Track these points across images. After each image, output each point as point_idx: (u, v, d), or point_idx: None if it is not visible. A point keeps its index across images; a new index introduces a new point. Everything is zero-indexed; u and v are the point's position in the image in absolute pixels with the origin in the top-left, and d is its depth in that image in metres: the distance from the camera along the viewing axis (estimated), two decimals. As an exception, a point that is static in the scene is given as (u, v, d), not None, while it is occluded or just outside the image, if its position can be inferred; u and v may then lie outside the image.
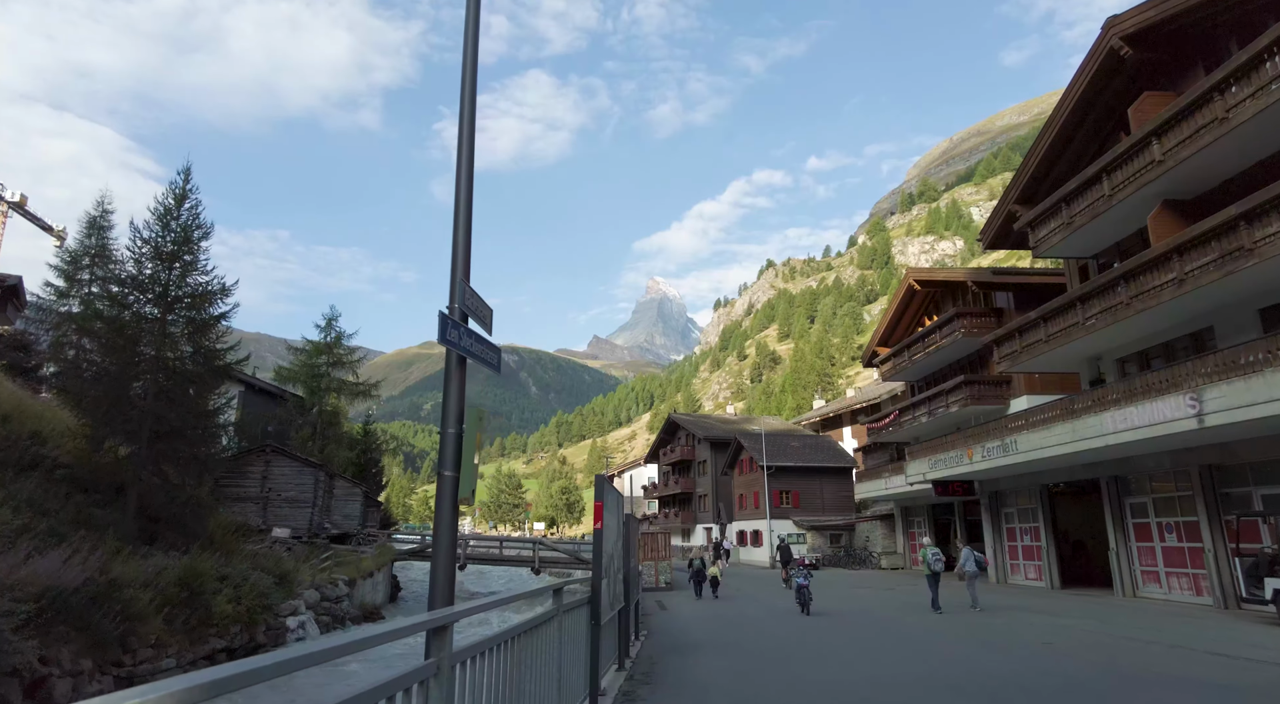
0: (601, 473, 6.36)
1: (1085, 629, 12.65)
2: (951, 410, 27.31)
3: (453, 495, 4.12)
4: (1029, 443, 19.00)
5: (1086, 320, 17.12)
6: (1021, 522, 23.47)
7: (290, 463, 35.85)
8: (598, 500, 6.56)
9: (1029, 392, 25.21)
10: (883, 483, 34.18)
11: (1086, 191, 17.03)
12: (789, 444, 47.47)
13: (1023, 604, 17.55)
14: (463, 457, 4.25)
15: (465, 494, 4.09)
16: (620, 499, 8.46)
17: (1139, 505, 18.01)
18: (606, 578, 6.90)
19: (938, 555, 16.07)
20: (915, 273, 31.59)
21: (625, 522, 10.47)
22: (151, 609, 18.03)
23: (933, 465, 25.11)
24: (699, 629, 14.30)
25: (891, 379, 34.90)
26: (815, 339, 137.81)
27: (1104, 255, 18.93)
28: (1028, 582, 22.83)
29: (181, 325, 28.15)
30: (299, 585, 28.11)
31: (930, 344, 29.82)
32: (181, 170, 29.14)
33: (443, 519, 4.16)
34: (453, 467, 4.19)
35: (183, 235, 28.50)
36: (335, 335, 52.01)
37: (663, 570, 27.06)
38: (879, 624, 14.39)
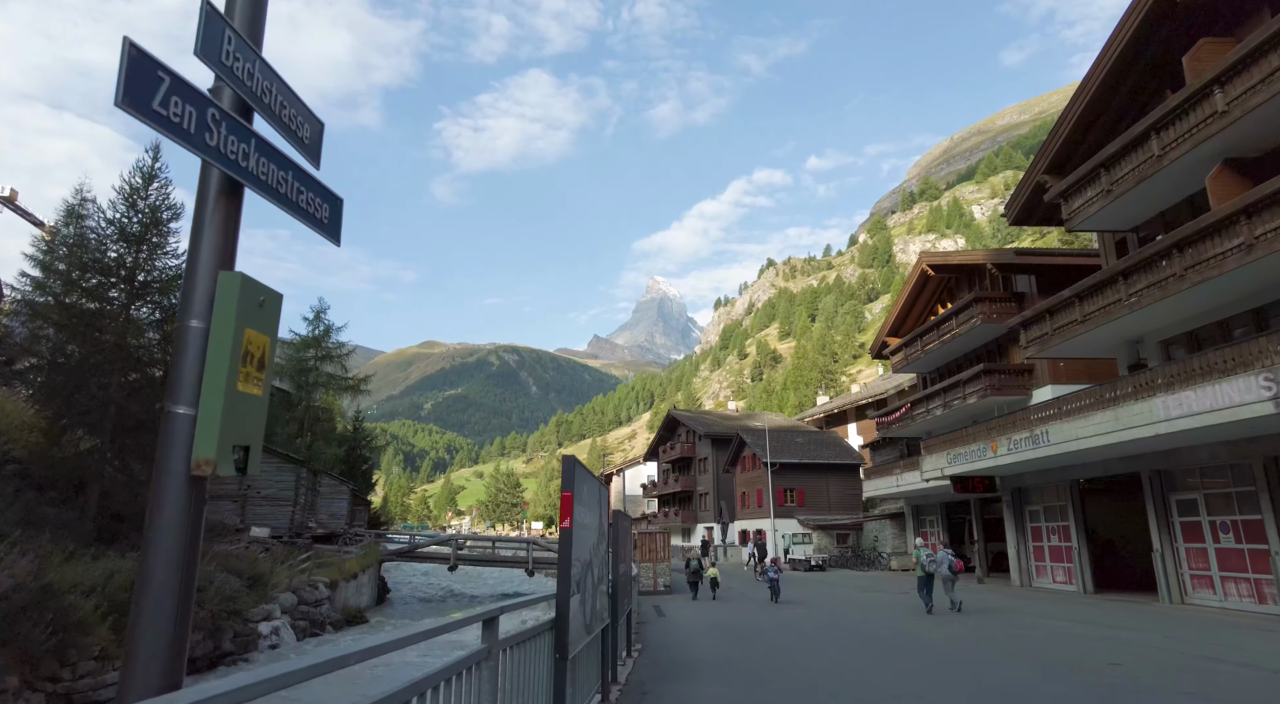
0: (571, 455, 4.56)
1: (1147, 644, 10.93)
2: (969, 402, 25.60)
3: (186, 451, 2.03)
4: (1063, 434, 17.28)
5: (1130, 297, 15.41)
6: (1048, 520, 21.74)
7: (270, 459, 34.14)
8: (566, 490, 4.86)
9: (1054, 381, 23.51)
10: (893, 480, 32.46)
11: (1131, 153, 15.31)
12: (793, 440, 45.75)
13: (1059, 612, 15.83)
14: (213, 380, 2.12)
15: (221, 454, 2.03)
16: (602, 492, 6.77)
17: (1187, 502, 16.29)
18: (580, 594, 5.21)
19: (932, 557, 15.69)
20: (928, 257, 29.86)
21: (614, 520, 8.78)
22: (96, 617, 16.30)
23: (952, 460, 23.39)
24: (701, 642, 12.59)
25: (902, 370, 33.18)
26: (817, 336, 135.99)
27: (1146, 228, 17.21)
28: (1055, 585, 21.11)
29: (149, 312, 26.52)
30: (274, 588, 26.40)
31: (945, 332, 28.11)
32: (150, 147, 27.49)
33: (166, 502, 2.08)
34: (190, 397, 2.10)
35: (151, 217, 26.83)
36: (324, 328, 50.30)
37: (661, 573, 25.37)
38: (906, 639, 12.67)
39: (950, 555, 15.92)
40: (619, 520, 8.75)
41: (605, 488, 7.31)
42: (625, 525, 9.83)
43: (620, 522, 8.87)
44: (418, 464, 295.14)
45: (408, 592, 43.49)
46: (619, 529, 8.77)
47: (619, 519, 8.73)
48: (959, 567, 15.94)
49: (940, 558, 15.72)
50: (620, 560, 8.95)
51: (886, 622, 14.99)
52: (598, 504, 6.44)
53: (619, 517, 8.80)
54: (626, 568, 9.97)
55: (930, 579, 15.74)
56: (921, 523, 33.94)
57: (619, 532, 8.81)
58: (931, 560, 15.65)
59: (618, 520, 8.74)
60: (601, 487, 6.78)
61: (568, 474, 4.92)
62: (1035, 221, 20.76)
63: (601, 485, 6.76)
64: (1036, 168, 19.02)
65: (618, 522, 8.74)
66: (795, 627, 14.73)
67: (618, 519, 8.73)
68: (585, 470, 5.58)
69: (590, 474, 5.91)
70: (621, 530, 9.02)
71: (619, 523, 8.76)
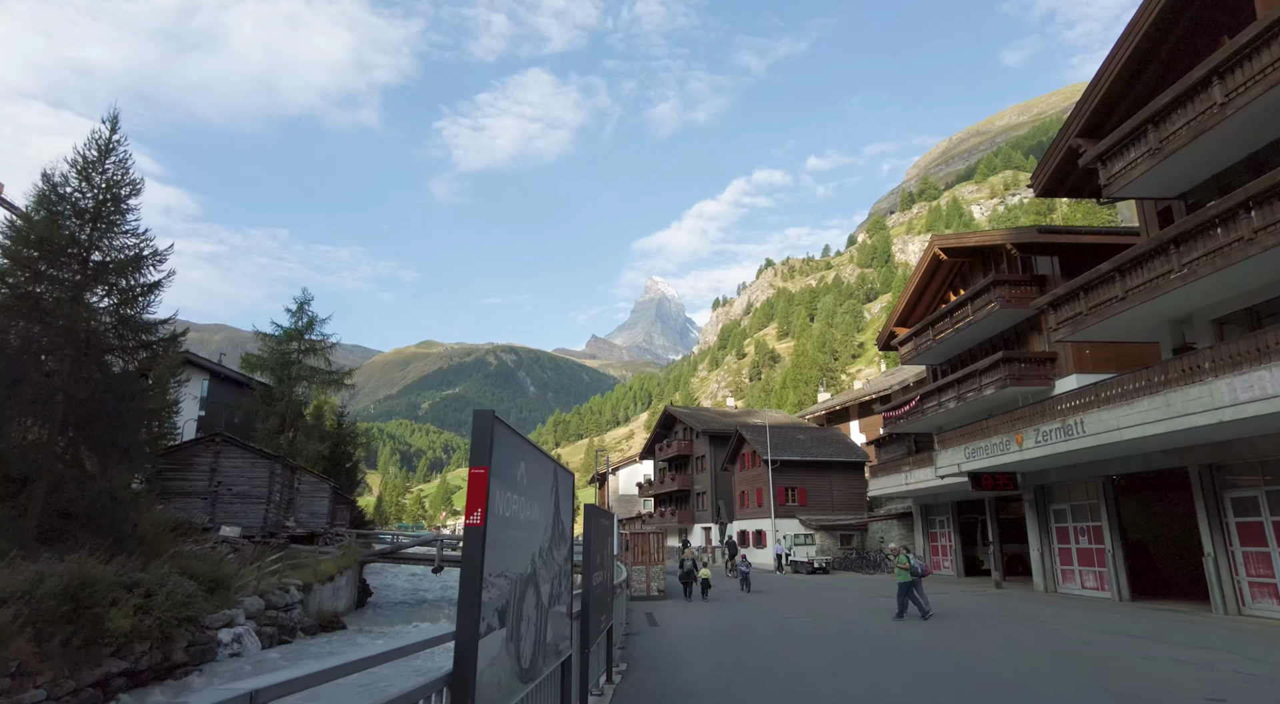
0: (486, 409, 2.61)
1: (1234, 669, 9.12)
2: (986, 393, 23.80)
3: None
4: (1101, 423, 15.48)
5: (1183, 267, 13.60)
6: (1076, 520, 19.94)
7: (243, 454, 32.27)
8: (477, 466, 3.04)
9: (1079, 370, 21.72)
10: (902, 478, 30.67)
11: (1186, 104, 13.52)
12: (795, 437, 43.94)
13: (1101, 623, 14.03)
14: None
15: None
16: (560, 476, 4.96)
17: (1246, 500, 14.49)
18: (510, 626, 3.39)
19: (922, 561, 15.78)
20: (940, 239, 28.06)
21: (587, 517, 6.96)
22: (15, 627, 14.50)
23: (970, 455, 21.59)
24: (698, 659, 10.77)
25: (911, 361, 31.37)
26: (817, 334, 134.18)
27: (1196, 194, 15.40)
28: (1085, 591, 19.31)
29: (104, 294, 24.66)
30: (239, 592, 24.57)
31: (959, 319, 26.30)
32: (107, 117, 25.65)
33: None
34: None
35: (108, 192, 24.96)
36: (308, 320, 48.53)
37: (655, 576, 23.52)
38: (940, 656, 10.84)
39: (917, 559, 15.88)
40: (593, 518, 6.93)
41: (568, 473, 5.50)
42: (604, 524, 8.02)
43: (595, 519, 7.05)
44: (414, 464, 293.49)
45: (394, 595, 41.67)
46: (593, 529, 6.95)
47: (593, 516, 6.91)
48: (927, 570, 15.95)
49: (913, 563, 15.61)
50: (597, 568, 7.14)
51: (905, 633, 13.17)
52: (550, 493, 4.63)
53: (594, 513, 6.98)
54: (606, 578, 8.15)
55: (912, 586, 15.26)
56: (931, 523, 32.15)
57: (593, 532, 6.99)
58: (920, 565, 15.51)
59: (592, 518, 6.92)
60: (559, 468, 4.96)
61: (481, 438, 3.09)
62: (1065, 192, 18.95)
63: (559, 467, 4.95)
64: (1069, 131, 17.21)
65: (592, 519, 6.93)
66: (806, 640, 12.91)
67: (592, 516, 6.91)
68: (521, 439, 3.76)
69: (535, 447, 4.10)
70: (597, 530, 7.21)
71: (593, 521, 6.95)
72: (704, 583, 23.13)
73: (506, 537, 3.39)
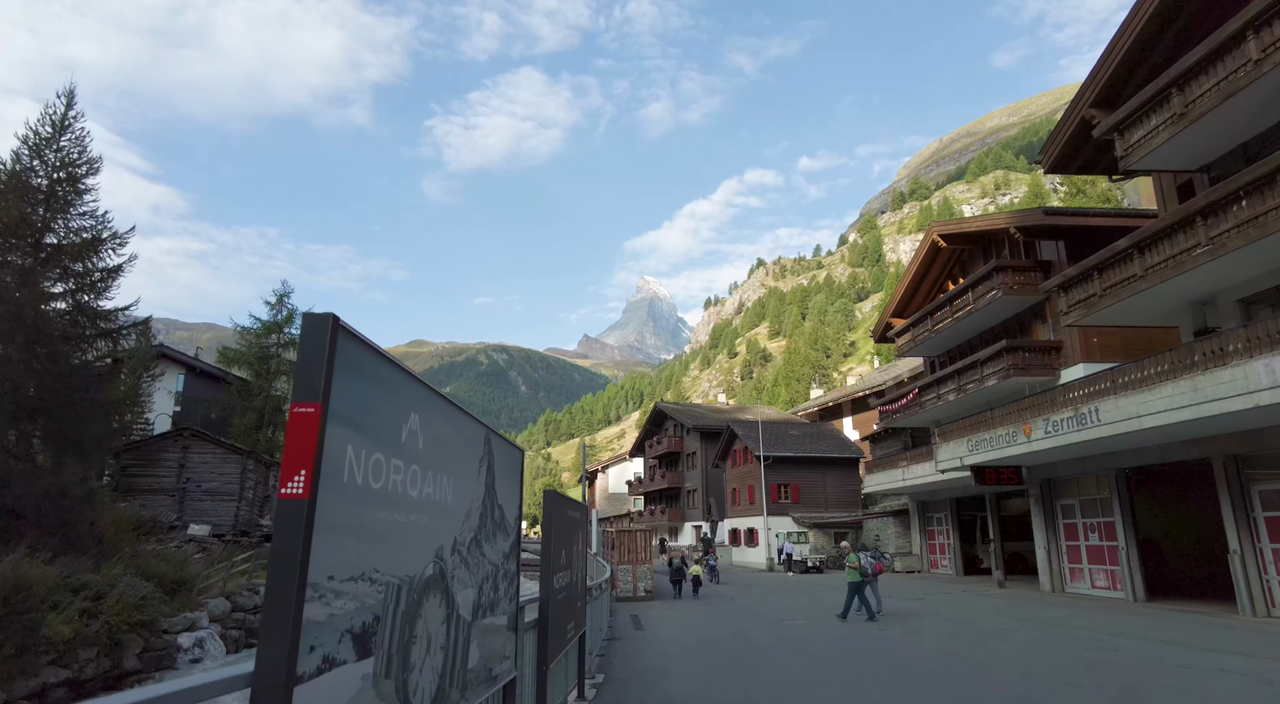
0: (324, 313, 1.36)
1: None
2: (988, 384, 22.79)
3: None
4: (1118, 410, 14.42)
5: (1212, 240, 12.56)
6: (1086, 516, 18.92)
7: (213, 449, 30.90)
8: (304, 402, 1.88)
9: (1086, 359, 20.74)
10: (899, 473, 29.63)
11: (1218, 62, 12.47)
12: (788, 433, 42.87)
13: (1122, 626, 12.98)
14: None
15: None
16: (496, 446, 3.80)
17: (1275, 494, 13.46)
18: (377, 659, 2.24)
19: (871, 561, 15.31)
20: (940, 226, 27.03)
21: (548, 508, 5.79)
22: (-67, 635, 13.15)
23: (972, 448, 20.54)
24: (685, 673, 9.61)
25: (908, 353, 30.35)
26: (809, 331, 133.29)
27: (1220, 165, 14.37)
28: (1095, 591, 18.29)
29: (57, 278, 23.29)
30: (203, 594, 23.29)
31: (960, 308, 25.28)
32: (63, 92, 24.28)
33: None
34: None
35: (63, 171, 23.60)
36: (287, 313, 47.14)
37: (643, 576, 22.37)
38: (956, 666, 9.73)
39: (870, 558, 15.66)
40: (556, 508, 5.75)
41: (513, 448, 4.34)
42: (573, 517, 6.85)
43: (559, 509, 5.87)
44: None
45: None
46: (556, 521, 5.77)
47: (556, 506, 5.73)
48: (879, 568, 15.81)
49: (865, 562, 15.44)
50: (561, 568, 5.98)
51: (914, 638, 12.06)
52: (479, 469, 3.46)
53: (557, 502, 5.79)
54: (576, 579, 6.99)
55: (862, 586, 14.98)
56: (928, 521, 31.15)
57: (556, 525, 5.81)
58: (871, 565, 15.27)
59: (554, 508, 5.74)
60: (496, 438, 3.81)
61: (312, 360, 1.93)
62: (1076, 168, 17.91)
63: (495, 436, 3.79)
64: (1082, 101, 16.15)
65: (554, 510, 5.75)
66: (806, 647, 11.77)
67: (554, 506, 5.72)
68: (413, 380, 2.60)
69: (445, 399, 2.93)
70: (562, 523, 6.04)
71: (556, 511, 5.76)
72: (694, 580, 22.87)
73: (375, 520, 2.22)
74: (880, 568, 15.93)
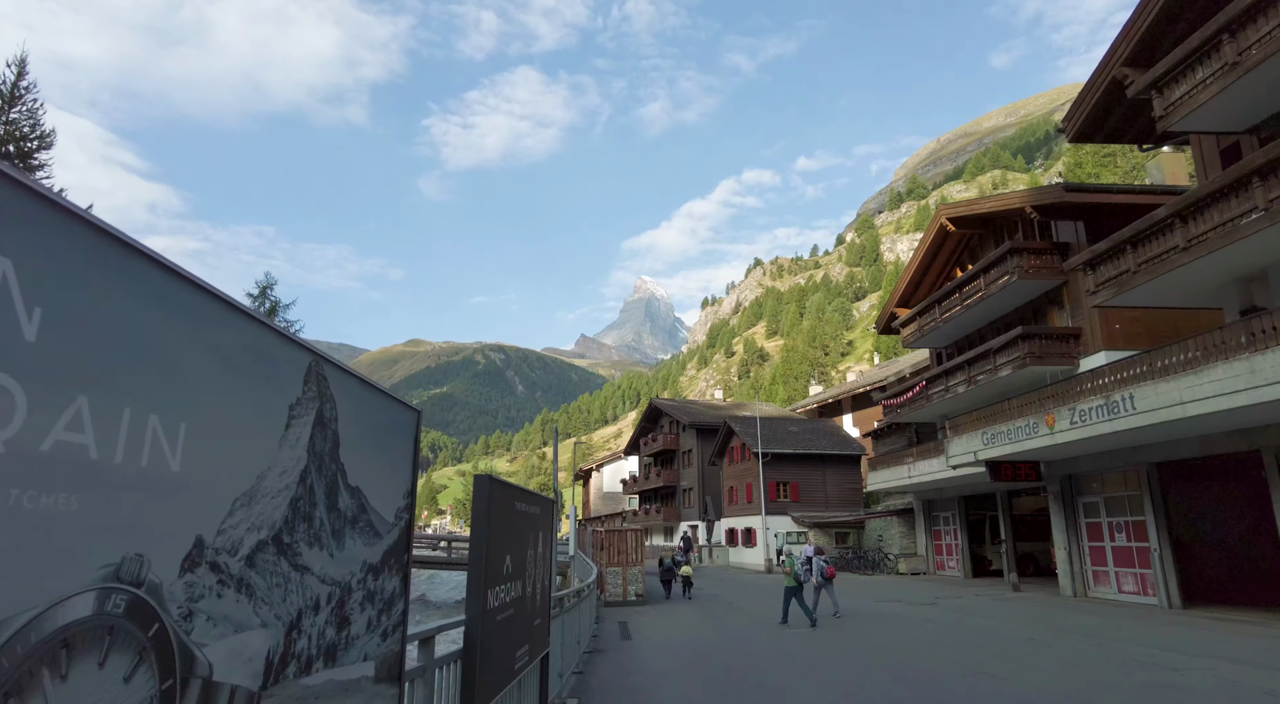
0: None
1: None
2: (1002, 374, 21.36)
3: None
4: (1157, 397, 13.01)
5: (1270, 203, 11.13)
6: (1112, 514, 17.50)
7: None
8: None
9: (1108, 346, 19.32)
10: (904, 470, 28.19)
11: (1273, 5, 11.05)
12: (786, 429, 41.43)
13: (1169, 638, 11.55)
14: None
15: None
16: (390, 414, 2.36)
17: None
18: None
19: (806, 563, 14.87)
20: (949, 209, 25.61)
21: (479, 495, 4.32)
22: None
23: (988, 441, 19.11)
24: (675, 695, 8.15)
25: (915, 344, 28.94)
26: (807, 329, 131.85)
27: (1271, 125, 12.96)
28: (1123, 596, 16.87)
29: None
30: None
31: (970, 294, 23.86)
32: (14, 61, 22.72)
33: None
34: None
35: (12, 146, 22.10)
36: (270, 305, 45.64)
37: (633, 579, 20.92)
38: (989, 686, 8.28)
39: (823, 561, 15.26)
40: (491, 497, 4.27)
41: (406, 410, 2.89)
42: (526, 513, 5.38)
43: (499, 500, 4.41)
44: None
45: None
46: (495, 516, 4.30)
47: (490, 494, 4.25)
48: (830, 572, 15.28)
49: (815, 566, 14.99)
50: (502, 580, 4.52)
51: (937, 651, 10.61)
52: (289, 415, 2.01)
53: (492, 490, 4.32)
54: (531, 592, 5.52)
55: (800, 588, 14.36)
56: (934, 520, 29.73)
57: (495, 521, 4.34)
58: (806, 568, 14.71)
59: (491, 497, 4.27)
60: (331, 367, 2.34)
61: None
62: (1103, 136, 16.49)
63: (327, 364, 2.33)
64: (1113, 59, 14.71)
65: (492, 500, 4.28)
66: (813, 660, 10.31)
67: (488, 494, 4.24)
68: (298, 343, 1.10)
69: (169, 271, 1.48)
70: (503, 518, 4.58)
71: (493, 503, 4.30)
72: (685, 581, 22.27)
73: None
74: (832, 572, 15.40)
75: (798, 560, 14.66)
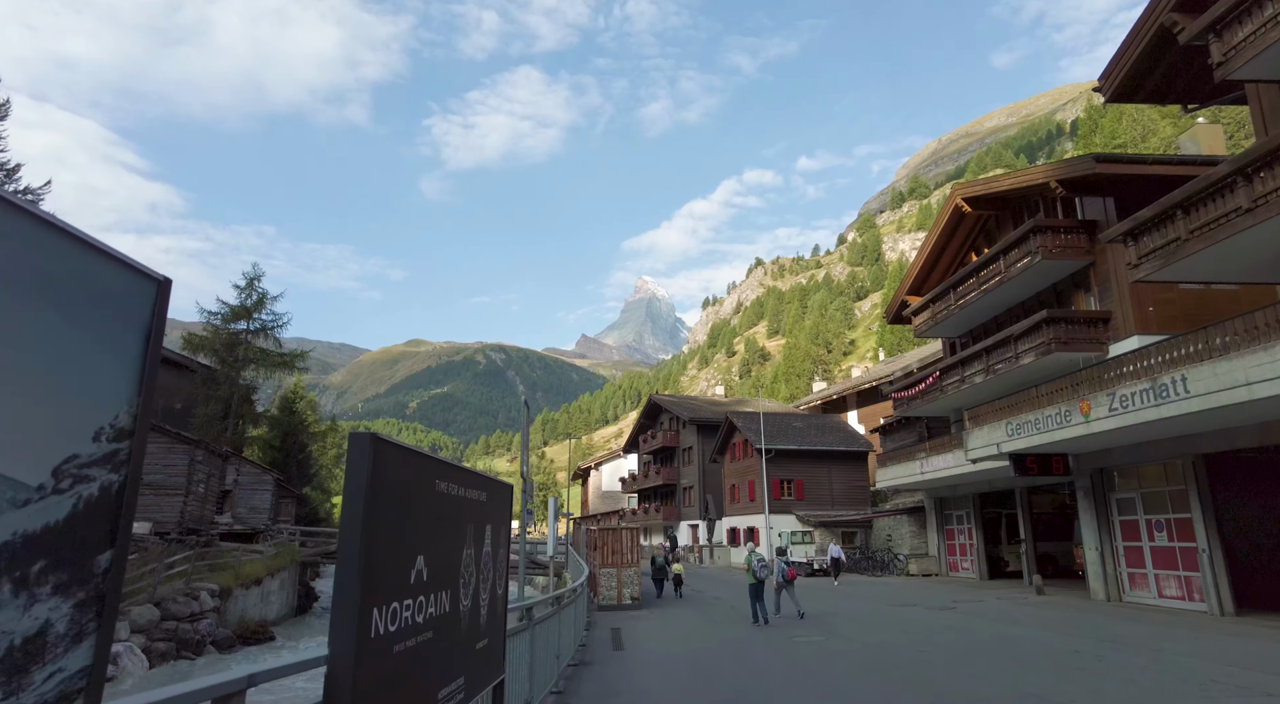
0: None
1: None
2: (1023, 362, 19.88)
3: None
4: (1216, 378, 11.55)
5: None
6: (1150, 511, 16.03)
7: (158, 437, 27.87)
8: None
9: (1141, 330, 17.81)
10: (915, 466, 26.72)
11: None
12: (790, 425, 39.96)
13: (1243, 653, 10.08)
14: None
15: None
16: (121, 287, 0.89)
17: None
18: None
19: (764, 563, 14.64)
20: (964, 188, 24.14)
21: (354, 462, 2.89)
22: None
23: (1012, 432, 17.65)
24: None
25: (927, 334, 27.46)
26: (810, 326, 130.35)
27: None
28: (1164, 601, 15.39)
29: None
30: (127, 600, 20.37)
31: (989, 278, 22.39)
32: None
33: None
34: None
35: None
36: (257, 298, 44.22)
37: (627, 581, 19.47)
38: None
39: (784, 562, 15.31)
40: (385, 464, 2.84)
41: (124, 269, 1.43)
42: (464, 500, 3.94)
43: (403, 471, 3.00)
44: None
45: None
46: (385, 502, 2.88)
47: (387, 462, 2.82)
48: (790, 574, 15.21)
49: (776, 566, 15.01)
50: (416, 593, 3.08)
51: (973, 669, 9.13)
52: None
53: (394, 458, 2.90)
54: (473, 608, 4.07)
55: (761, 586, 14.51)
56: (947, 519, 28.26)
57: (386, 510, 2.91)
58: (763, 566, 14.57)
59: (381, 464, 2.84)
60: None
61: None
62: (1144, 96, 15.00)
63: None
64: (1159, 7, 13.24)
65: (382, 467, 2.85)
66: (831, 679, 8.83)
67: (380, 460, 2.80)
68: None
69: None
70: (410, 507, 3.16)
71: (388, 469, 2.87)
72: (676, 579, 22.10)
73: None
74: (793, 574, 15.34)
75: (755, 559, 14.66)
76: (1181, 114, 15.50)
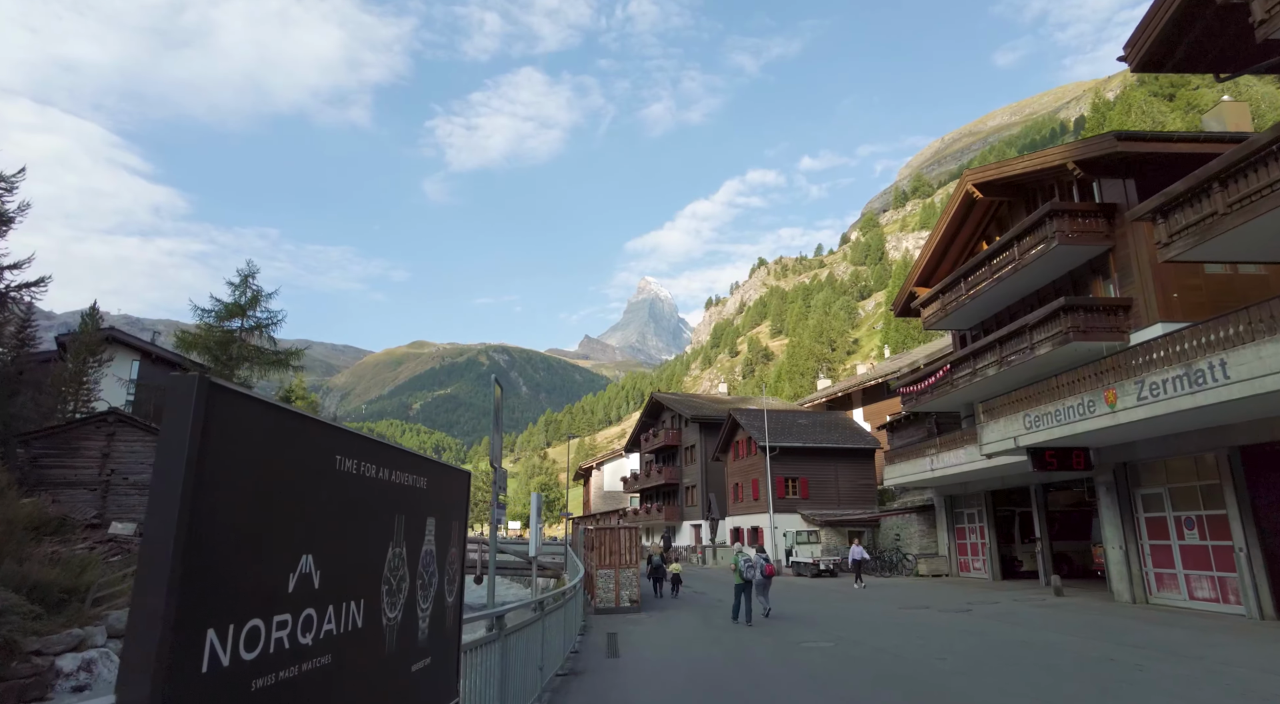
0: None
1: None
2: (1039, 352, 19.00)
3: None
4: (1260, 361, 10.65)
5: None
6: (1180, 508, 15.11)
7: (143, 436, 27.11)
8: None
9: (1165, 317, 16.91)
10: (925, 463, 25.82)
11: None
12: (795, 422, 39.06)
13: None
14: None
15: None
16: None
17: None
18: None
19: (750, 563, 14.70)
20: (975, 173, 23.25)
21: (204, 415, 2.05)
22: None
23: (1030, 425, 16.74)
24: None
25: (937, 326, 26.56)
26: (814, 324, 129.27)
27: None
28: (1195, 603, 14.48)
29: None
30: (104, 604, 19.52)
31: (1002, 266, 21.49)
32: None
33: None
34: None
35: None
36: (251, 295, 43.46)
37: (626, 581, 18.59)
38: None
39: (763, 560, 15.31)
40: (230, 420, 2.01)
41: None
42: (402, 482, 3.11)
43: (267, 432, 2.16)
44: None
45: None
46: (246, 455, 2.04)
47: (234, 416, 1.99)
48: (769, 571, 15.37)
49: (756, 563, 14.97)
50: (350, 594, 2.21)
51: (998, 680, 8.25)
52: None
53: (246, 412, 2.07)
54: (426, 613, 3.21)
55: (749, 586, 14.60)
56: (957, 518, 27.32)
57: (247, 467, 2.06)
58: (750, 566, 14.64)
59: (223, 422, 1.99)
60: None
61: None
62: (1174, 65, 14.03)
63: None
64: (1191, -35, 12.35)
65: (230, 425, 2.00)
66: (846, 691, 7.95)
67: (218, 413, 1.96)
68: None
69: None
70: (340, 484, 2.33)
71: (234, 426, 2.03)
72: (674, 578, 22.03)
73: None
74: (771, 570, 15.44)
75: (742, 560, 14.78)
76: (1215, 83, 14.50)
